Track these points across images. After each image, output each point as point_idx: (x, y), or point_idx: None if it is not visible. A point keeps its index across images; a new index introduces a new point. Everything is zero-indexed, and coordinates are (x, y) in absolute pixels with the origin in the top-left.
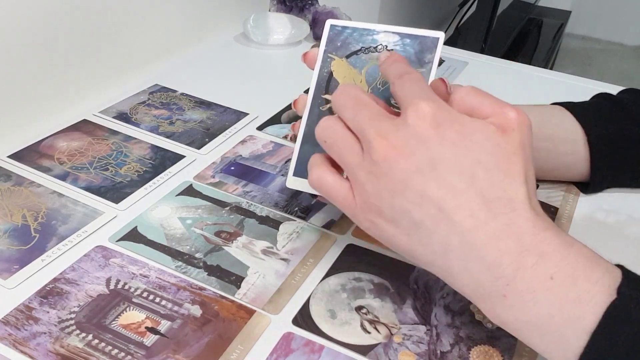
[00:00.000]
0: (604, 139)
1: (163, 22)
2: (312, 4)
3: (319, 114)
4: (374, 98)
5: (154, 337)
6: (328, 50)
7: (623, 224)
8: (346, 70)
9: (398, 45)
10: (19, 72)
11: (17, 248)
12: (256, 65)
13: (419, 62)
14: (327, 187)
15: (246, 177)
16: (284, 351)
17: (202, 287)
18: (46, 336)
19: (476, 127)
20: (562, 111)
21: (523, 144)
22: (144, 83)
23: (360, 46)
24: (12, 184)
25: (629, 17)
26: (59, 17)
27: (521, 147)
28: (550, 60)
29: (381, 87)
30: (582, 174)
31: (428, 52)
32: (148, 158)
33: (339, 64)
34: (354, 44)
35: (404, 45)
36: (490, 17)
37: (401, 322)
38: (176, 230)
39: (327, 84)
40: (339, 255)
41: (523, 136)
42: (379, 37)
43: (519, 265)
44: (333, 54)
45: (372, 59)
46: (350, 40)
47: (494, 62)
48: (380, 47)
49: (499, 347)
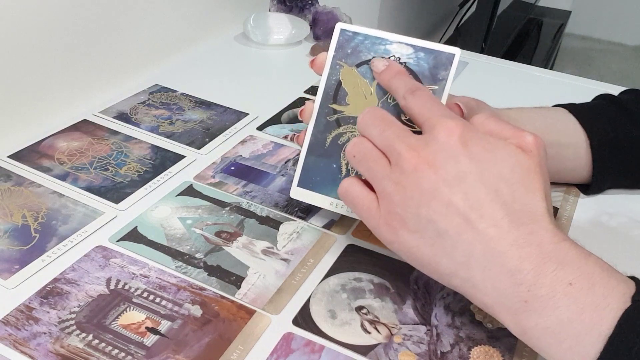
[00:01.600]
0: (606, 142)
1: (163, 22)
2: (312, 4)
3: (326, 124)
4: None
5: (154, 337)
6: (337, 57)
7: (623, 225)
8: (356, 80)
9: (412, 58)
10: (19, 72)
11: (17, 248)
12: (256, 65)
13: (433, 78)
14: (354, 195)
15: (246, 177)
16: (284, 351)
17: (202, 287)
18: (46, 336)
19: (499, 145)
20: (565, 114)
21: (541, 164)
22: (144, 83)
23: (372, 55)
24: (12, 184)
25: (629, 17)
26: (58, 17)
27: (540, 166)
28: (550, 60)
29: (392, 102)
30: (584, 176)
31: (442, 69)
32: (148, 158)
33: (349, 73)
34: (365, 53)
35: (418, 59)
36: (490, 17)
37: (401, 322)
38: (176, 231)
39: (336, 93)
40: (339, 256)
41: (540, 157)
42: (392, 48)
43: (540, 272)
44: (342, 61)
45: None
46: (362, 49)
47: (494, 62)
48: (393, 59)
49: (499, 347)
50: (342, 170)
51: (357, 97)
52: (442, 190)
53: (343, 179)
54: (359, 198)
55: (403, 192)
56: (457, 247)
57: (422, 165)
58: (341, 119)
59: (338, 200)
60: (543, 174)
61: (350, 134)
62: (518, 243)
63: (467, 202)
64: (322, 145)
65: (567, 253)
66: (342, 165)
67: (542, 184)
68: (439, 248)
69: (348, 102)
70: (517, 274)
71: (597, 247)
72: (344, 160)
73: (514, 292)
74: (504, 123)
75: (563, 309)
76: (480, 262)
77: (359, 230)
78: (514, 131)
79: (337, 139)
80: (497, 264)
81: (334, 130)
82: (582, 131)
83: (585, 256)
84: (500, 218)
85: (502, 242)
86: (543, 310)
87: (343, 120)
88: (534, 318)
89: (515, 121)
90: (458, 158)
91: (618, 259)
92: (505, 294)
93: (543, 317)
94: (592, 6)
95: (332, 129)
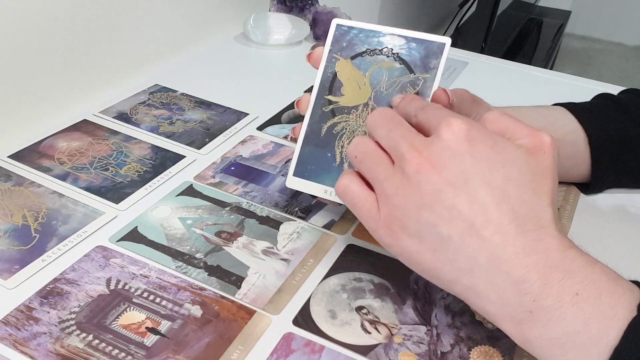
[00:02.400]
0: (605, 141)
1: (163, 22)
2: (312, 4)
3: (322, 114)
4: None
5: (155, 338)
6: (333, 51)
7: (623, 225)
8: (350, 72)
9: (404, 48)
10: (19, 72)
11: (17, 248)
12: (256, 65)
13: (424, 67)
14: (353, 195)
15: (246, 177)
16: (284, 351)
17: (202, 288)
18: (46, 336)
19: (508, 146)
20: (564, 113)
21: (552, 167)
22: (144, 83)
23: (366, 48)
24: (13, 184)
25: (629, 17)
26: (58, 17)
27: (550, 169)
28: (550, 60)
29: (384, 91)
30: (583, 175)
31: (433, 58)
32: (148, 158)
33: (344, 65)
34: (359, 45)
35: (410, 49)
36: (490, 17)
37: (401, 322)
38: (176, 231)
39: (331, 85)
40: (339, 256)
41: (553, 160)
42: (385, 40)
43: (546, 281)
44: (338, 54)
45: (377, 61)
46: (356, 41)
47: (494, 62)
48: (386, 50)
49: (499, 348)
50: (336, 159)
51: (352, 87)
52: (445, 193)
53: (337, 167)
54: (358, 198)
55: (404, 195)
56: (461, 253)
57: (424, 166)
58: (336, 109)
59: (332, 188)
60: (553, 177)
61: (345, 123)
62: (525, 251)
63: (472, 206)
64: (318, 135)
65: (573, 261)
66: (337, 154)
67: (550, 188)
68: (441, 254)
69: (343, 92)
70: (522, 284)
71: (598, 247)
72: (338, 149)
73: (519, 302)
74: (518, 121)
75: (569, 319)
76: (485, 270)
77: (359, 230)
78: (529, 130)
79: (332, 128)
80: (502, 272)
81: (329, 120)
82: (581, 130)
83: (591, 264)
84: (507, 223)
85: (508, 249)
86: (549, 321)
87: (338, 111)
88: (539, 328)
89: None
90: (463, 157)
91: (618, 259)
92: (509, 303)
93: (548, 328)
94: (592, 6)
95: (328, 119)
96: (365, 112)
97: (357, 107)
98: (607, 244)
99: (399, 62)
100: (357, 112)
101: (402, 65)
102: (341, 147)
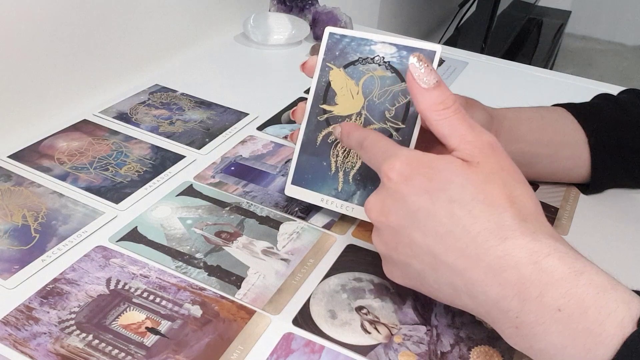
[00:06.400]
0: (604, 142)
1: (163, 22)
2: (312, 4)
3: (317, 124)
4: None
5: (154, 338)
6: (326, 59)
7: (623, 225)
8: (343, 81)
9: (395, 57)
10: (19, 72)
11: (17, 248)
12: (256, 65)
13: None
14: None
15: (246, 177)
16: (284, 351)
17: (202, 288)
18: (46, 336)
19: (442, 166)
20: (563, 113)
21: (493, 171)
22: (144, 83)
23: (358, 56)
24: (12, 184)
25: (629, 17)
26: (59, 18)
27: (492, 173)
28: (550, 60)
29: (377, 100)
30: (583, 175)
31: None
32: (148, 158)
33: (337, 74)
34: (351, 54)
35: (401, 57)
36: (490, 17)
37: (401, 322)
38: (176, 231)
39: (325, 94)
40: (339, 256)
41: (492, 164)
42: (376, 48)
43: (524, 297)
44: (331, 63)
45: (369, 70)
46: (348, 50)
47: (494, 62)
48: (378, 58)
49: (499, 348)
50: (331, 168)
51: (345, 97)
52: (401, 234)
53: (332, 176)
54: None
55: (378, 240)
56: (440, 282)
57: (379, 217)
58: (330, 119)
59: (328, 197)
60: (500, 179)
61: None
62: (493, 269)
63: (427, 239)
64: (314, 144)
65: (552, 273)
66: (332, 162)
67: (500, 192)
68: (426, 285)
69: (337, 102)
70: (501, 301)
71: (598, 248)
72: (333, 158)
73: (504, 319)
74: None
75: (554, 335)
76: (465, 292)
77: (359, 230)
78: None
79: (326, 137)
80: (480, 293)
81: (324, 129)
82: (581, 130)
83: (575, 275)
84: (465, 247)
85: (477, 271)
86: (534, 336)
87: (332, 120)
88: (527, 341)
89: (513, 121)
90: (404, 199)
91: (618, 260)
92: (496, 320)
93: (536, 341)
94: (592, 6)
95: (323, 128)
96: (358, 121)
97: (350, 117)
98: (607, 244)
99: (391, 70)
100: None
101: (393, 74)
102: (336, 156)
